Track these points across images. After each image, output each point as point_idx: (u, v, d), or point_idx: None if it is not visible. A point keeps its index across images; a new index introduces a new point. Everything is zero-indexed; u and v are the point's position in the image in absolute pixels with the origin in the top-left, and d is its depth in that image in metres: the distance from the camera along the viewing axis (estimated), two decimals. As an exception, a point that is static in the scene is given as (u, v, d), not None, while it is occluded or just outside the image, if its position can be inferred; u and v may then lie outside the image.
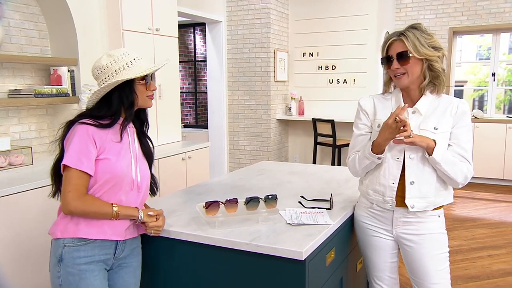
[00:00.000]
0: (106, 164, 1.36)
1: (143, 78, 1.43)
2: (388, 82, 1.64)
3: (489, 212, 4.35)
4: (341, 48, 5.34)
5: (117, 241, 1.41)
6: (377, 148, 1.52)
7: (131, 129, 1.49)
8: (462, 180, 1.51)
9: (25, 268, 2.19)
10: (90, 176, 1.35)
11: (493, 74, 5.68)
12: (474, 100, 6.20)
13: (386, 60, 1.54)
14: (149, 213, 1.45)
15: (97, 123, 1.37)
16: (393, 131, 1.45)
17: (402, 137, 1.45)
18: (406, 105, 1.49)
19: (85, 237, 1.35)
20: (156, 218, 1.46)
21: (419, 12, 5.78)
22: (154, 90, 1.47)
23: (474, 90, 6.16)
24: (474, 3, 5.49)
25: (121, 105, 1.40)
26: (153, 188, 1.58)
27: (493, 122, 5.40)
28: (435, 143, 1.47)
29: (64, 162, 1.32)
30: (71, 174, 1.31)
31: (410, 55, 1.48)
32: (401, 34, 1.51)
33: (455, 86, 5.95)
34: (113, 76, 1.38)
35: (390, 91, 1.65)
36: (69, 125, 1.38)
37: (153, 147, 1.58)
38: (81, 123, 1.35)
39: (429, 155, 1.48)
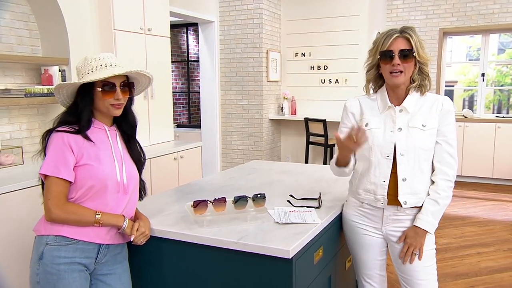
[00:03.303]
0: (87, 170, 1.35)
1: (103, 87, 1.38)
2: (373, 80, 1.63)
3: (478, 210, 4.41)
4: (333, 48, 5.38)
5: (100, 245, 1.41)
6: (341, 162, 1.60)
7: (113, 132, 1.48)
8: (450, 198, 1.57)
9: (14, 268, 2.19)
10: (71, 183, 1.35)
11: (483, 75, 5.75)
12: (464, 100, 6.26)
13: (386, 55, 1.51)
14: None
15: (73, 129, 1.37)
16: (349, 149, 1.51)
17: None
18: (363, 129, 1.48)
19: (68, 236, 1.35)
20: (137, 229, 1.44)
21: (409, 13, 5.83)
22: (117, 99, 1.40)
23: (464, 90, 6.22)
24: (464, 4, 5.56)
25: (84, 109, 1.39)
26: (141, 193, 1.56)
27: (482, 122, 5.47)
28: (425, 231, 1.54)
29: (41, 171, 1.33)
30: (50, 182, 1.32)
31: (414, 54, 1.49)
32: (403, 32, 1.50)
33: (446, 86, 6.02)
34: (80, 79, 1.39)
35: (375, 91, 1.66)
36: (47, 134, 1.38)
37: (143, 152, 1.57)
38: (57, 131, 1.36)
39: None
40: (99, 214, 1.35)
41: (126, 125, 1.52)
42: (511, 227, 3.87)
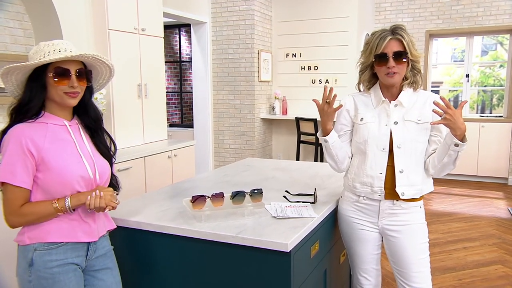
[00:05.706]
0: (52, 173, 1.27)
1: (57, 72, 1.27)
2: (367, 80, 1.67)
3: (464, 206, 4.53)
4: (323, 49, 5.45)
5: (89, 242, 1.38)
6: (324, 131, 1.65)
7: (74, 126, 1.39)
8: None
9: (2, 268, 2.19)
10: (31, 190, 1.26)
11: (467, 76, 5.91)
12: (449, 100, 6.42)
13: (380, 58, 1.54)
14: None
15: (30, 121, 1.28)
16: (327, 113, 1.59)
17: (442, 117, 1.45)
18: (331, 87, 1.60)
19: (56, 241, 1.30)
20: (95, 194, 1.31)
21: (397, 15, 5.96)
22: (72, 87, 1.29)
23: (450, 90, 6.38)
24: (449, 7, 5.71)
25: (34, 97, 1.28)
26: (115, 186, 1.49)
27: (467, 121, 5.51)
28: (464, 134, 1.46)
29: None
30: (6, 189, 1.24)
31: (408, 55, 1.53)
32: (395, 33, 1.53)
33: (432, 86, 6.16)
34: None
35: (368, 88, 1.69)
36: (4, 131, 1.27)
37: (114, 145, 1.49)
38: (14, 130, 1.25)
39: (461, 141, 1.46)
40: (55, 203, 1.26)
41: (87, 119, 1.41)
42: (495, 222, 3.99)
